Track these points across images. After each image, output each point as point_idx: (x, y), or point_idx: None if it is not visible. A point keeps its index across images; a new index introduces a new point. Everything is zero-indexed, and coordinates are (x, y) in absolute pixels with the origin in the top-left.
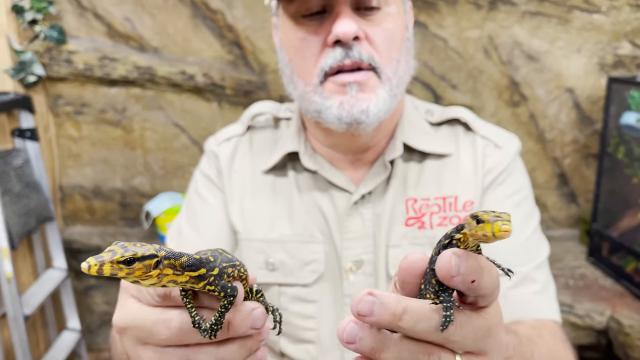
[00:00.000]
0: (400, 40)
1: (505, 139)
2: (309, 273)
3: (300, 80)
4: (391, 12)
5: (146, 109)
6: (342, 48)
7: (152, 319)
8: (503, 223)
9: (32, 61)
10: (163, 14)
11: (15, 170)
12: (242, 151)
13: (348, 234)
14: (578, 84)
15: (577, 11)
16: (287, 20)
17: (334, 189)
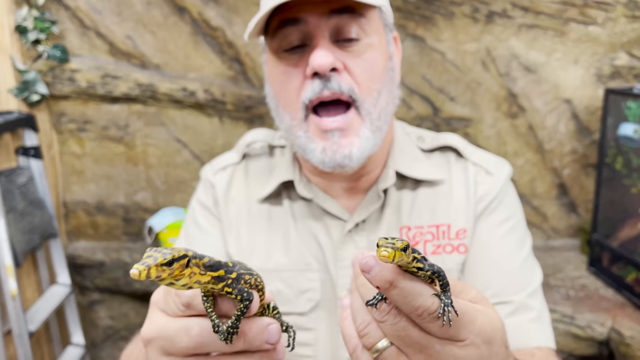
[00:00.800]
0: (381, 70)
1: (496, 165)
2: (305, 302)
3: (286, 113)
4: (372, 43)
5: (148, 125)
6: (321, 80)
7: (175, 328)
8: (384, 249)
9: (35, 80)
10: (164, 32)
11: (19, 188)
12: (238, 180)
13: (342, 261)
14: (576, 94)
15: (573, 23)
16: (271, 55)
17: (328, 217)
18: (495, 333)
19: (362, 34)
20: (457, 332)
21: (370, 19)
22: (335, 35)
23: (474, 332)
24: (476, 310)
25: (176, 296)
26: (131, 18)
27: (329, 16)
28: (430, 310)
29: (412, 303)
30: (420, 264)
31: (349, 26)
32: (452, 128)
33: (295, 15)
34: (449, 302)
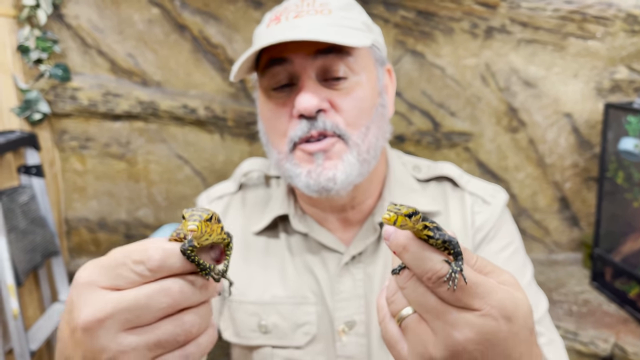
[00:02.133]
0: (370, 107)
1: (492, 193)
2: (301, 335)
3: (274, 149)
4: (360, 81)
5: (149, 142)
6: (307, 120)
7: (146, 294)
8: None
9: (37, 99)
10: (165, 50)
11: (21, 207)
12: (235, 210)
13: (339, 294)
14: (576, 108)
15: (572, 38)
16: (261, 93)
17: (324, 250)
18: (518, 312)
19: (349, 72)
20: (470, 300)
21: (358, 57)
22: (322, 74)
23: (491, 303)
24: (495, 285)
25: (137, 263)
26: (132, 36)
27: (315, 56)
28: (439, 274)
29: (422, 266)
30: (431, 232)
31: (335, 66)
32: (453, 143)
33: (282, 55)
34: (458, 269)
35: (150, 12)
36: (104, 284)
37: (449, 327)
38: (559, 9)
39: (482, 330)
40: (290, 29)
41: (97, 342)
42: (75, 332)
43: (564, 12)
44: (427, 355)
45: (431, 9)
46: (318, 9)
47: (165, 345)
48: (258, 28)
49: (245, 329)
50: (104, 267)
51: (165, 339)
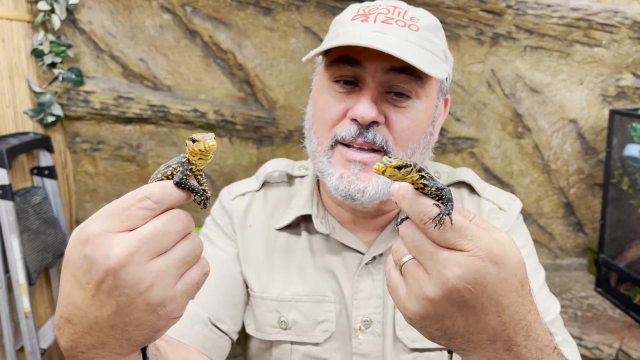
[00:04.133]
0: (421, 133)
1: (508, 201)
2: (320, 332)
3: (315, 137)
4: (419, 106)
5: (160, 145)
6: (359, 127)
7: (162, 222)
8: (377, 164)
9: (51, 102)
10: (176, 55)
11: (33, 207)
12: (257, 206)
13: (359, 294)
14: (581, 115)
15: (577, 45)
16: (322, 79)
17: (346, 250)
18: (506, 259)
19: (414, 94)
20: (459, 241)
21: (426, 84)
22: (388, 87)
23: (478, 245)
24: (484, 232)
25: (143, 200)
26: (144, 42)
27: (387, 71)
28: (430, 214)
29: (416, 209)
30: (426, 181)
31: (404, 84)
32: (459, 148)
33: (356, 58)
34: (446, 212)
35: (161, 18)
36: (118, 228)
37: (440, 266)
38: (564, 16)
39: (470, 269)
40: (376, 33)
41: (133, 276)
42: (103, 282)
43: (569, 20)
44: (422, 294)
45: (438, 15)
46: (407, 22)
47: (188, 259)
48: (340, 16)
49: (265, 325)
50: (112, 215)
51: (186, 254)
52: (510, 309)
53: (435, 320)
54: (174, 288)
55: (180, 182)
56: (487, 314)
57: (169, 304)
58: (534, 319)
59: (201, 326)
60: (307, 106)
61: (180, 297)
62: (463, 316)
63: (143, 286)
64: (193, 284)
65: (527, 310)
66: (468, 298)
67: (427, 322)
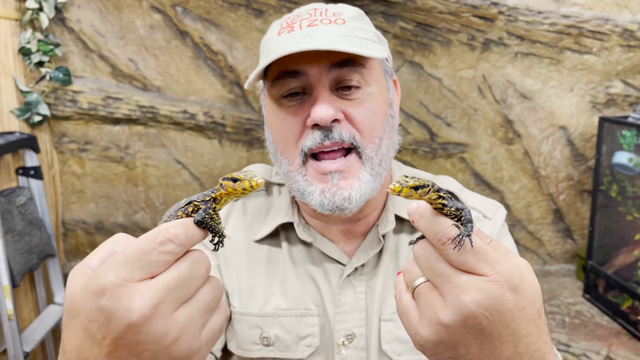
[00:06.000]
0: (382, 118)
1: (492, 208)
2: (304, 347)
3: (284, 159)
4: (372, 92)
5: (148, 147)
6: (322, 131)
7: (187, 266)
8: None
9: (37, 102)
10: (166, 55)
11: (18, 208)
12: (236, 217)
13: (341, 307)
14: (571, 121)
15: (568, 52)
16: (270, 101)
17: (327, 261)
18: (525, 287)
19: (363, 83)
20: (478, 265)
21: (370, 69)
22: (335, 84)
23: (497, 270)
24: (504, 258)
25: (165, 244)
26: (134, 42)
27: (330, 69)
28: (448, 235)
29: (434, 229)
30: (445, 201)
31: (349, 77)
32: (449, 153)
33: (296, 68)
34: (466, 233)
35: (151, 18)
36: (139, 276)
37: (458, 290)
38: (555, 23)
39: (489, 295)
40: (305, 37)
41: (158, 330)
42: (123, 337)
43: (560, 26)
44: (437, 319)
45: (430, 20)
46: (332, 19)
47: (212, 306)
48: (267, 36)
49: (246, 342)
50: (132, 261)
51: (210, 300)
52: (527, 339)
53: (449, 348)
54: (199, 338)
55: (202, 221)
56: (503, 343)
57: (195, 355)
58: (548, 350)
59: None
60: (265, 132)
61: (205, 346)
62: (478, 344)
63: (169, 340)
64: (217, 330)
65: (542, 341)
66: (485, 325)
67: (439, 349)
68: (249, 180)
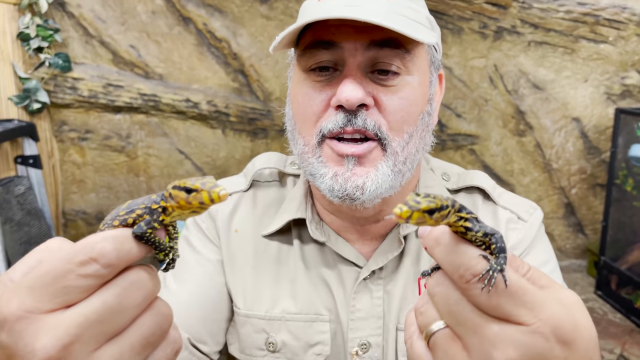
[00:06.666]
0: (417, 113)
1: (528, 210)
2: (313, 356)
3: (301, 138)
4: (411, 82)
5: (150, 136)
6: (345, 114)
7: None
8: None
9: (36, 88)
10: (168, 42)
11: (16, 198)
12: (245, 209)
13: (356, 313)
14: (585, 113)
15: (583, 41)
16: (297, 73)
17: (342, 262)
18: (578, 337)
19: (403, 69)
20: (515, 310)
21: (415, 55)
22: (371, 65)
23: (542, 318)
24: (550, 298)
25: (86, 265)
26: (135, 27)
27: (368, 47)
28: (474, 270)
29: (455, 261)
30: (469, 224)
31: (389, 59)
32: (458, 145)
33: (331, 39)
34: (497, 267)
35: (154, 3)
36: (49, 306)
37: (487, 345)
38: (571, 10)
39: (530, 351)
40: (347, 7)
41: None
42: None
43: (576, 14)
44: None
45: (440, 7)
46: None
47: (153, 340)
48: (307, 1)
49: (250, 346)
50: (39, 288)
51: (150, 332)
52: None
53: None
54: None
55: (142, 235)
56: None
57: None
58: None
59: None
60: (286, 106)
61: None
62: None
63: None
64: None
65: None
66: None
67: None
68: (208, 191)
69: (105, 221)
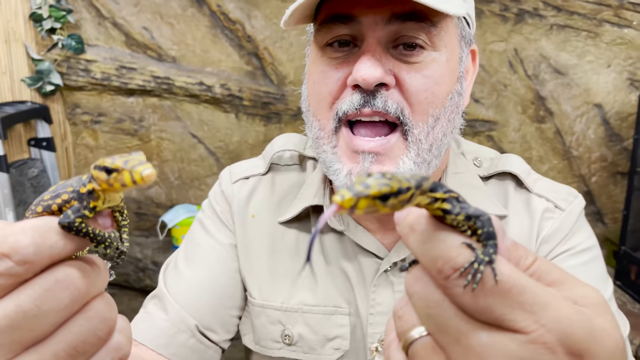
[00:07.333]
0: (444, 93)
1: (567, 197)
2: (331, 350)
3: (316, 121)
4: (438, 58)
5: (163, 119)
6: (362, 94)
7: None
8: (340, 194)
9: (49, 70)
10: (181, 24)
11: (30, 180)
12: (262, 194)
13: (376, 307)
14: (607, 99)
15: (607, 25)
16: (314, 49)
17: (361, 253)
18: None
19: (428, 44)
20: (508, 313)
21: (442, 29)
22: (393, 40)
23: (544, 322)
24: (557, 297)
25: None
26: (149, 9)
27: (389, 21)
28: (454, 263)
29: (432, 252)
30: (447, 205)
31: (413, 33)
32: (476, 131)
33: (349, 12)
34: (485, 258)
35: None
36: None
37: (473, 357)
38: None
39: None
40: None
41: None
42: None
43: None
44: None
45: None
46: None
47: (85, 348)
48: None
49: (266, 338)
50: None
51: (81, 341)
52: None
53: None
54: None
55: (70, 225)
56: None
57: None
58: None
59: (186, 336)
60: (303, 85)
61: None
62: None
63: None
64: None
65: None
66: None
67: None
68: (130, 171)
69: (30, 207)
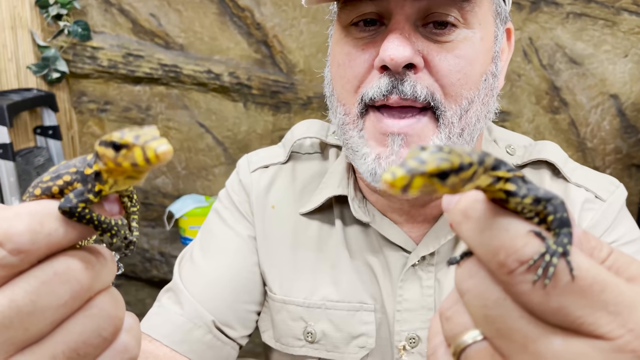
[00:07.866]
0: (478, 74)
1: (608, 187)
2: (356, 349)
3: (340, 106)
4: (471, 37)
5: (170, 108)
6: (390, 78)
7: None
8: (391, 171)
9: (55, 57)
10: (189, 11)
11: (36, 169)
12: (282, 184)
13: (403, 303)
14: (623, 90)
15: (625, 13)
16: (338, 30)
17: (388, 246)
18: None
19: (461, 22)
20: (589, 315)
21: (476, 5)
22: (423, 17)
23: (631, 326)
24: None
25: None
26: None
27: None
28: (520, 255)
29: (492, 242)
30: (512, 186)
31: (444, 10)
32: None
33: None
34: (559, 250)
35: None
36: None
37: None
38: None
39: None
40: None
41: None
42: None
43: None
44: None
45: None
46: None
47: (87, 350)
48: None
49: (287, 335)
50: None
51: (82, 341)
52: None
53: None
54: None
55: (71, 211)
56: None
57: None
58: None
59: (202, 332)
60: (325, 68)
61: None
62: None
63: None
64: None
65: None
66: None
67: None
68: (141, 147)
69: (27, 189)
